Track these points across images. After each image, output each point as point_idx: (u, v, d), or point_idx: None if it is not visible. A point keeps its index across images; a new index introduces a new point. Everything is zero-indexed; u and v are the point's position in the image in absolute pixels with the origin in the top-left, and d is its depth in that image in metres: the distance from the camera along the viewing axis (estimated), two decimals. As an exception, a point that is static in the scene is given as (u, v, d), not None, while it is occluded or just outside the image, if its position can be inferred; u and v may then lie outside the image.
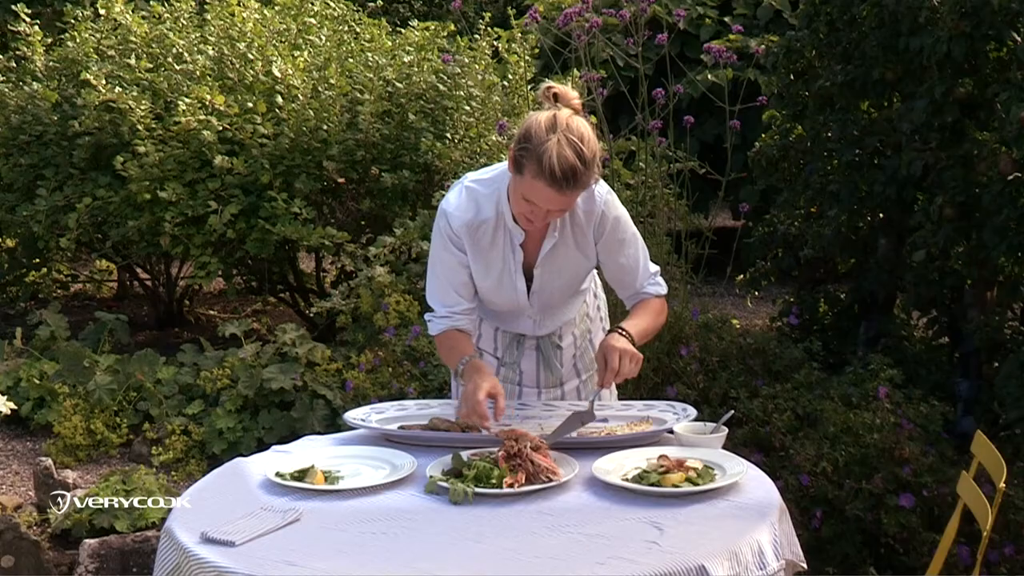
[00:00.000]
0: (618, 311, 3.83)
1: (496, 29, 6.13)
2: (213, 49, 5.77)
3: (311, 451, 2.50)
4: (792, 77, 5.21)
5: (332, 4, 6.61)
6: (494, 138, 5.66)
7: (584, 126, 2.43)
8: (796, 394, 4.04)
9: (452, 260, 2.64)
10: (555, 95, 2.52)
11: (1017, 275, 4.34)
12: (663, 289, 2.78)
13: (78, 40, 5.98)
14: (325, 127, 5.44)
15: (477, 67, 5.86)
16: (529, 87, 5.74)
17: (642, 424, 2.58)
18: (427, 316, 2.73)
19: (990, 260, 4.09)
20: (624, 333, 2.56)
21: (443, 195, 2.71)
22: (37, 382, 5.09)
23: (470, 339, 2.74)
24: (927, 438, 3.76)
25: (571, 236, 2.64)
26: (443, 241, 2.63)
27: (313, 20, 6.30)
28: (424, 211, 5.35)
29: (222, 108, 5.30)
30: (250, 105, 5.39)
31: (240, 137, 5.37)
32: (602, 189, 2.62)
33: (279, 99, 5.43)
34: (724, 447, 2.45)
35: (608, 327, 2.98)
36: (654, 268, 2.78)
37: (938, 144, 4.28)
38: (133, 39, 5.86)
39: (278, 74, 5.47)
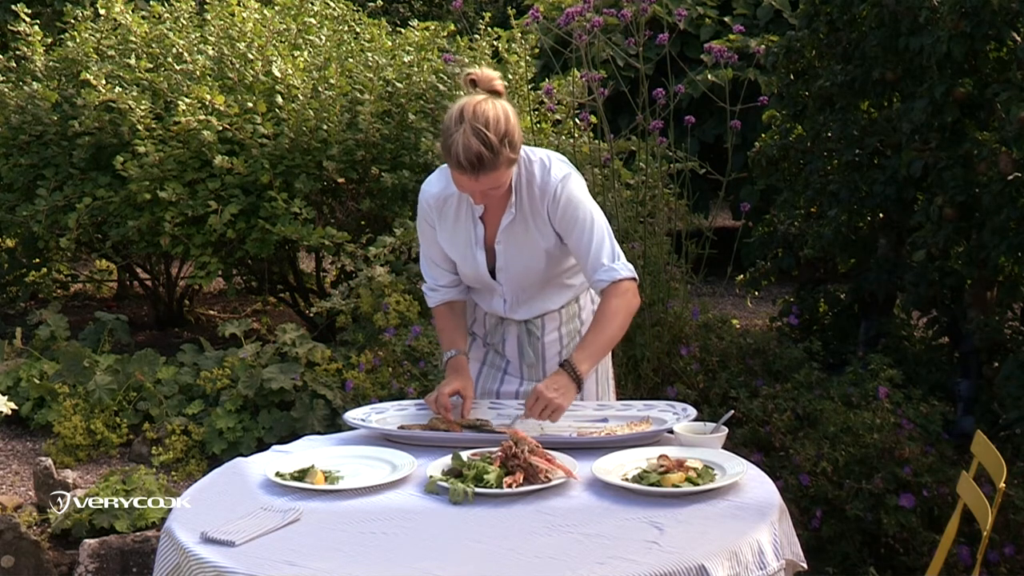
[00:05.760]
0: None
1: (496, 29, 6.12)
2: (213, 49, 5.77)
3: (311, 451, 2.50)
4: (792, 77, 5.21)
5: (332, 4, 6.60)
6: (494, 138, 5.65)
7: (493, 109, 2.51)
8: (796, 394, 4.04)
9: (428, 235, 2.82)
10: (472, 81, 2.62)
11: (1017, 275, 4.34)
12: (618, 274, 2.65)
13: (78, 40, 5.98)
14: (325, 127, 5.44)
15: (477, 67, 5.85)
16: (529, 87, 5.74)
17: (642, 424, 2.59)
18: (422, 287, 2.93)
19: (990, 260, 4.09)
20: (570, 370, 2.57)
21: None
22: (37, 382, 5.09)
23: (459, 320, 2.87)
24: (927, 438, 3.76)
25: (528, 213, 2.69)
26: (419, 218, 2.82)
27: (313, 20, 6.30)
28: (424, 211, 5.34)
29: (222, 108, 5.30)
30: (250, 105, 5.38)
31: (240, 137, 5.37)
32: (559, 169, 2.68)
33: (279, 99, 5.42)
34: (724, 447, 2.45)
35: None
36: (609, 255, 2.66)
37: (938, 144, 4.28)
38: (133, 39, 5.86)
39: (278, 74, 5.47)
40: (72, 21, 6.21)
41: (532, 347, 2.86)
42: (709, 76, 6.49)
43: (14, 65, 6.23)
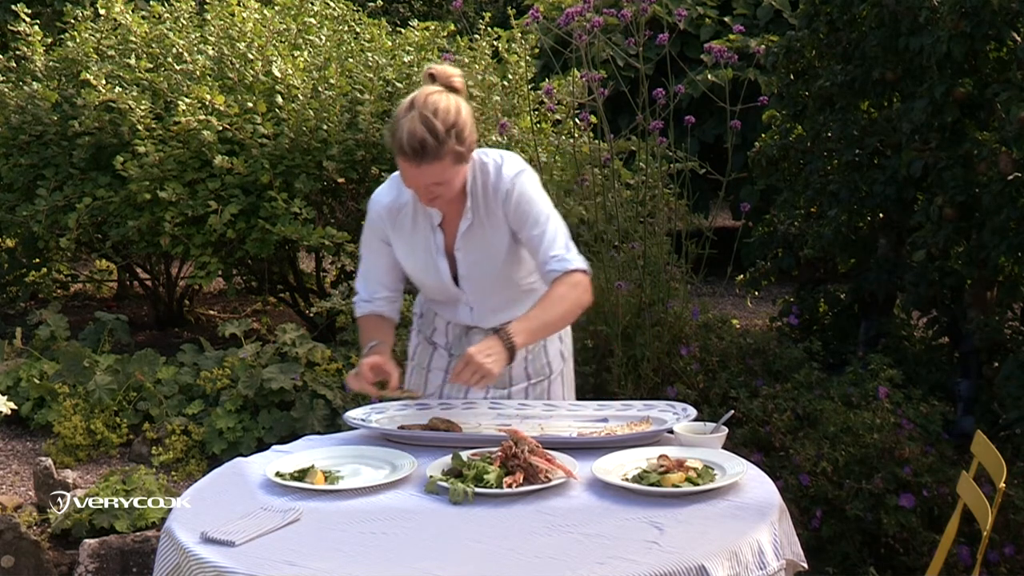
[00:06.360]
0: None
1: (496, 29, 6.12)
2: (213, 49, 5.77)
3: (311, 451, 2.50)
4: (792, 77, 5.21)
5: (332, 4, 6.60)
6: (494, 138, 5.66)
7: (444, 101, 2.51)
8: (796, 394, 4.04)
9: (376, 247, 2.79)
10: (431, 75, 2.60)
11: (1017, 275, 4.34)
12: (570, 264, 2.64)
13: (78, 40, 5.98)
14: (325, 127, 5.44)
15: (477, 67, 5.86)
16: (529, 87, 5.74)
17: (642, 424, 2.58)
18: (354, 299, 2.87)
19: (990, 260, 4.09)
20: (503, 336, 2.53)
21: None
22: (37, 382, 5.09)
23: (385, 325, 2.83)
24: (927, 438, 3.76)
25: (484, 216, 2.67)
26: (367, 228, 2.79)
27: (313, 20, 6.30)
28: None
29: (222, 108, 5.30)
30: (250, 105, 5.38)
31: (240, 137, 5.37)
32: (511, 167, 2.66)
33: (279, 99, 5.42)
34: (724, 447, 2.45)
35: (568, 339, 2.96)
36: (562, 247, 2.65)
37: (938, 144, 4.28)
38: (133, 39, 5.86)
39: (278, 74, 5.47)
40: (72, 21, 6.21)
41: None
42: (709, 76, 6.49)
43: (14, 65, 6.23)
